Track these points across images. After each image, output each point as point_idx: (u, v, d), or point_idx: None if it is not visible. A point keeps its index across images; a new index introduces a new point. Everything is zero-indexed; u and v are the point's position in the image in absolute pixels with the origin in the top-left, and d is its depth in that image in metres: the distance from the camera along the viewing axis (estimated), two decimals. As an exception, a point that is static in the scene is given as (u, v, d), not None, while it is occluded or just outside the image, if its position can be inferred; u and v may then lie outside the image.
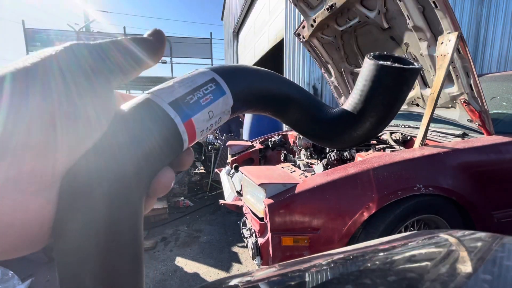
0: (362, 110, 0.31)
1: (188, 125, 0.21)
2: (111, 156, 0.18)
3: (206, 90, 0.23)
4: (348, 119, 0.32)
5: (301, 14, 2.42)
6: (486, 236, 0.34)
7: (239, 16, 10.73)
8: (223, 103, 0.24)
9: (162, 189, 0.21)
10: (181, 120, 0.21)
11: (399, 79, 0.29)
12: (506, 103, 1.96)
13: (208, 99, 0.23)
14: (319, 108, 0.33)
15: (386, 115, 0.31)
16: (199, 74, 0.24)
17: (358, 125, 0.32)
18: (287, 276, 0.32)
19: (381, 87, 0.30)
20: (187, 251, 2.33)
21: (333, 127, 0.33)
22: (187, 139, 0.21)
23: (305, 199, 1.31)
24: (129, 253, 0.18)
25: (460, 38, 1.45)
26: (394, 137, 2.09)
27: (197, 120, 0.22)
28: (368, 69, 0.30)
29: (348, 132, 0.32)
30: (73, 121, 0.16)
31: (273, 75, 0.30)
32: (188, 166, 0.24)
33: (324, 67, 2.91)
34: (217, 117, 0.24)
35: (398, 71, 0.28)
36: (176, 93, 0.22)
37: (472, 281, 0.25)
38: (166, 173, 0.21)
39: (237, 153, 2.69)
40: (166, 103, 0.20)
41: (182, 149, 0.22)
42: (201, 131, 0.23)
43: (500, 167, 1.51)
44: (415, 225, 1.47)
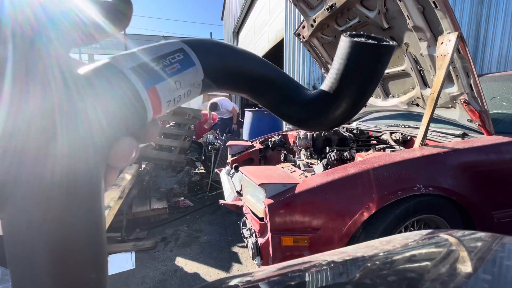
0: (338, 89, 0.30)
1: (152, 93, 0.20)
2: (61, 118, 0.16)
3: (173, 59, 0.22)
4: (324, 99, 0.31)
5: (301, 14, 2.42)
6: (486, 236, 0.34)
7: (239, 16, 10.73)
8: (192, 74, 0.23)
9: (121, 157, 0.20)
10: (143, 86, 0.20)
11: (373, 56, 0.29)
12: (506, 103, 1.96)
13: (175, 68, 0.22)
14: (296, 90, 0.32)
15: (361, 94, 0.31)
16: (167, 43, 0.23)
17: (335, 106, 0.31)
18: (287, 276, 0.32)
19: (355, 64, 0.29)
20: (187, 251, 2.33)
21: (310, 109, 0.32)
22: (151, 108, 0.20)
23: (305, 199, 1.31)
24: (87, 227, 0.17)
25: (460, 38, 1.45)
26: (394, 137, 2.09)
27: (162, 89, 0.21)
28: (343, 47, 0.30)
29: (325, 113, 0.32)
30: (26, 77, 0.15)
31: (250, 54, 0.29)
32: (153, 139, 0.23)
33: (324, 67, 2.91)
34: (186, 88, 0.23)
35: (372, 47, 0.28)
36: (139, 59, 0.20)
37: (472, 281, 0.25)
38: (126, 141, 0.20)
39: (237, 153, 2.69)
40: (127, 67, 0.19)
41: (146, 119, 0.21)
42: (168, 101, 0.22)
43: (500, 167, 1.51)
44: (415, 225, 1.47)
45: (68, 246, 0.16)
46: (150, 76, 0.20)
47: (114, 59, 0.20)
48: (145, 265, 2.14)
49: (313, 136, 2.32)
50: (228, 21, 14.60)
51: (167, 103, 0.22)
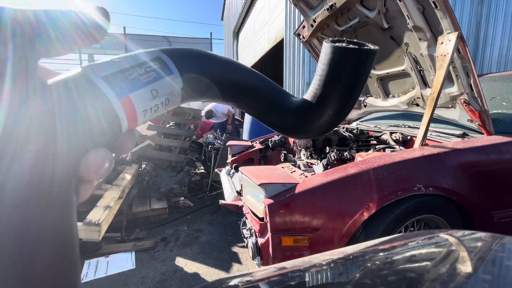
0: (322, 96, 0.30)
1: (125, 102, 0.19)
2: (26, 129, 0.16)
3: (149, 67, 0.22)
4: (309, 107, 0.31)
5: (301, 14, 2.42)
6: (486, 236, 0.34)
7: (239, 16, 10.73)
8: (170, 83, 0.23)
9: (92, 170, 0.19)
10: (116, 96, 0.19)
11: (355, 61, 0.29)
12: (506, 103, 1.96)
13: (151, 77, 0.21)
14: (281, 98, 0.32)
15: (345, 100, 0.31)
16: (144, 52, 0.23)
17: (319, 113, 0.31)
18: (287, 276, 0.32)
19: (337, 70, 0.29)
20: (187, 251, 2.33)
21: (295, 117, 0.32)
22: (124, 118, 0.20)
23: (305, 199, 1.31)
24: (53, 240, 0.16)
25: (460, 38, 1.45)
26: (394, 137, 2.09)
27: (137, 98, 0.20)
28: (325, 53, 0.29)
29: (310, 121, 0.32)
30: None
31: (232, 62, 0.29)
32: (128, 150, 0.22)
33: (324, 67, 2.91)
34: (163, 97, 0.22)
35: (353, 52, 0.28)
36: (112, 68, 0.20)
37: (472, 281, 0.25)
38: (98, 152, 0.19)
39: (237, 153, 2.69)
40: (99, 77, 0.19)
41: (120, 129, 0.20)
42: (143, 110, 0.21)
43: (500, 167, 1.51)
44: (415, 225, 1.47)
45: (32, 258, 0.16)
46: (124, 85, 0.20)
47: (86, 68, 0.19)
48: (145, 265, 2.14)
49: (313, 136, 2.32)
50: (228, 21, 14.60)
51: (143, 113, 0.21)
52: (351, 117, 3.13)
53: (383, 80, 2.44)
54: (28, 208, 0.16)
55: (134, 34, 18.58)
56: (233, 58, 13.80)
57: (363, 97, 2.81)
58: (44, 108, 0.17)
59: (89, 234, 1.99)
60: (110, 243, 2.42)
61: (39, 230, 0.16)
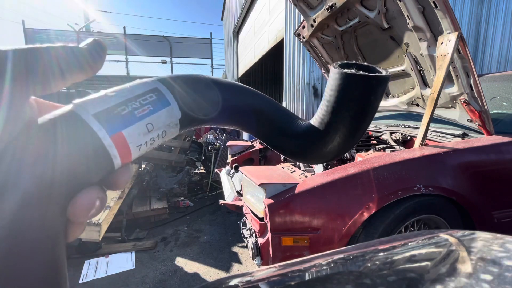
0: (330, 123, 0.29)
1: (118, 139, 0.19)
2: (11, 172, 0.15)
3: (144, 100, 0.21)
4: (316, 133, 0.30)
5: (301, 14, 2.42)
6: (486, 236, 0.34)
7: (239, 16, 10.73)
8: (167, 115, 0.22)
9: (82, 211, 0.18)
10: (106, 133, 0.18)
11: (365, 88, 0.27)
12: (506, 103, 1.96)
13: (146, 110, 0.21)
14: (288, 121, 0.30)
15: (355, 128, 0.29)
16: (139, 83, 0.22)
17: (327, 140, 0.30)
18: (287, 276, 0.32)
19: (347, 97, 0.27)
20: (187, 251, 2.33)
21: (302, 142, 0.30)
22: (117, 155, 0.19)
23: (305, 199, 1.31)
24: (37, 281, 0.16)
25: (460, 38, 1.45)
26: (394, 137, 2.09)
27: (130, 134, 0.20)
28: (333, 78, 0.28)
29: (318, 148, 0.30)
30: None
31: (235, 85, 0.28)
32: (122, 186, 0.21)
33: (324, 67, 2.91)
34: (160, 130, 0.22)
35: (363, 79, 0.26)
36: (105, 104, 0.19)
37: (472, 281, 0.25)
38: (88, 193, 0.18)
39: (237, 153, 2.69)
40: (90, 114, 0.18)
41: (112, 166, 0.19)
42: (138, 145, 0.20)
43: (500, 167, 1.51)
44: (415, 225, 1.47)
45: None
46: (116, 121, 0.19)
47: (77, 105, 0.19)
48: (145, 265, 2.14)
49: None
50: (228, 21, 14.60)
51: (137, 148, 0.20)
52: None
53: (383, 80, 2.44)
54: (10, 255, 0.15)
55: (134, 34, 18.57)
56: (233, 58, 13.81)
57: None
58: (31, 149, 0.16)
59: (89, 234, 1.99)
60: (110, 243, 2.42)
61: (24, 277, 0.16)
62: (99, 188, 0.19)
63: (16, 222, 0.15)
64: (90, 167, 0.18)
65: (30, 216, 0.16)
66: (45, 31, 17.01)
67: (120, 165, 0.20)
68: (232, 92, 0.27)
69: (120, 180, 0.21)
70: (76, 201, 0.18)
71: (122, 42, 17.40)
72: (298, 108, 4.99)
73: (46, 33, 16.89)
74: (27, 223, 0.16)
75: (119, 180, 0.21)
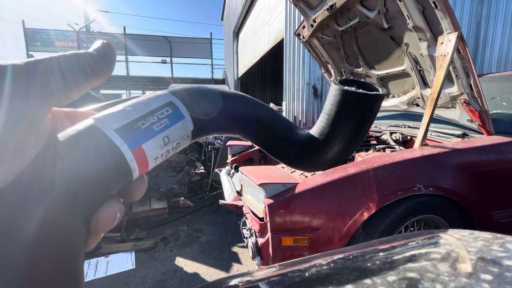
0: (329, 134, 0.31)
1: (138, 153, 0.20)
2: (41, 186, 0.16)
3: (161, 114, 0.22)
4: (315, 143, 0.32)
5: (301, 14, 2.42)
6: (486, 236, 0.34)
7: (239, 16, 10.73)
8: (181, 128, 0.23)
9: (105, 224, 0.19)
10: (128, 148, 0.19)
11: (364, 105, 0.29)
12: (506, 103, 1.96)
13: (163, 124, 0.21)
14: (288, 130, 0.32)
15: (353, 140, 0.32)
16: (155, 97, 0.23)
17: (326, 150, 0.32)
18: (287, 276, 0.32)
19: (346, 112, 0.30)
20: (187, 251, 2.33)
21: (301, 150, 0.32)
22: (136, 168, 0.20)
23: (305, 199, 1.31)
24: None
25: (460, 38, 1.45)
26: (394, 137, 2.09)
27: (149, 147, 0.20)
28: (334, 94, 0.30)
29: (316, 156, 0.32)
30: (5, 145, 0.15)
31: (239, 96, 0.29)
32: (139, 196, 0.22)
33: (324, 67, 2.91)
34: (174, 142, 0.23)
35: (362, 96, 0.29)
36: (125, 119, 0.20)
37: (472, 281, 0.25)
38: (110, 207, 0.19)
39: (237, 153, 2.69)
40: (112, 129, 0.19)
41: (131, 179, 0.20)
42: (155, 158, 0.21)
43: (500, 167, 1.51)
44: (415, 225, 1.47)
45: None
46: (136, 136, 0.20)
47: (99, 120, 0.19)
48: (145, 265, 2.14)
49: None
50: (228, 21, 14.60)
51: (154, 160, 0.21)
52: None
53: (383, 80, 2.44)
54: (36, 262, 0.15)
55: (134, 34, 18.58)
56: (233, 58, 13.81)
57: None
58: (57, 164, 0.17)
59: (89, 234, 1.99)
60: (110, 243, 2.42)
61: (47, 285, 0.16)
62: (118, 200, 0.20)
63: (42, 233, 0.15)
64: (112, 180, 0.19)
65: (57, 228, 0.16)
66: (45, 31, 17.01)
67: (137, 177, 0.21)
68: (238, 102, 0.29)
69: (138, 191, 0.21)
70: (100, 215, 0.18)
71: (122, 42, 17.40)
72: (298, 108, 4.99)
73: (46, 33, 16.88)
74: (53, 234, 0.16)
75: (135, 191, 0.21)
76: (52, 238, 0.16)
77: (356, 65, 2.56)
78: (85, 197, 0.17)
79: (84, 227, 0.18)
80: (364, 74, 2.53)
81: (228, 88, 6.23)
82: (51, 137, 0.17)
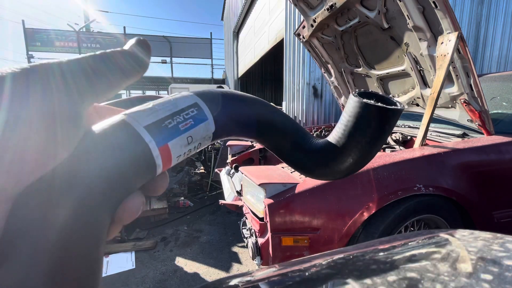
0: (345, 144, 0.32)
1: (164, 150, 0.21)
2: (77, 177, 0.17)
3: (187, 115, 0.23)
4: (331, 151, 0.32)
5: (301, 14, 2.42)
6: (486, 236, 0.34)
7: (239, 16, 10.73)
8: (204, 129, 0.24)
9: (128, 215, 0.20)
10: (156, 145, 0.20)
11: (381, 118, 0.30)
12: (506, 103, 1.97)
13: (188, 124, 0.23)
14: (304, 138, 0.33)
15: (368, 152, 0.32)
16: (181, 97, 0.24)
17: (341, 159, 0.32)
18: (287, 276, 0.32)
19: (364, 124, 0.30)
20: (187, 251, 2.33)
21: (315, 158, 0.33)
22: (161, 164, 0.21)
23: (305, 199, 1.31)
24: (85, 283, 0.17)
25: (460, 38, 1.45)
26: (394, 137, 2.09)
27: (174, 145, 0.21)
28: (353, 106, 0.31)
29: (330, 165, 0.33)
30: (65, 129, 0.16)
31: (258, 101, 0.30)
32: (162, 191, 0.23)
33: (324, 67, 2.91)
34: (197, 142, 0.24)
35: (381, 110, 0.29)
36: (154, 117, 0.21)
37: (472, 281, 0.25)
38: (134, 199, 0.20)
39: (237, 153, 2.69)
40: (142, 126, 0.20)
41: (155, 174, 0.21)
42: (178, 156, 0.22)
43: (500, 167, 1.51)
44: (415, 225, 1.47)
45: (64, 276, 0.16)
46: (164, 134, 0.21)
47: (130, 116, 0.20)
48: (145, 265, 2.14)
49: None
50: (228, 21, 14.60)
51: (177, 158, 0.22)
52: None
53: (383, 80, 2.44)
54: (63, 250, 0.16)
55: (134, 34, 18.58)
56: (233, 58, 13.80)
57: (363, 97, 2.81)
58: (91, 156, 0.18)
59: (89, 234, 1.99)
60: (110, 243, 2.42)
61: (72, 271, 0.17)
62: (141, 193, 0.21)
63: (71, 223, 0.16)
64: (138, 174, 0.20)
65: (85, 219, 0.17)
66: (45, 31, 17.01)
67: (160, 172, 0.22)
68: (256, 107, 0.30)
69: (160, 186, 0.23)
70: (126, 206, 0.19)
71: (122, 42, 17.39)
72: (298, 108, 4.99)
73: (46, 33, 16.89)
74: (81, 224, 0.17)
75: (158, 186, 0.23)
76: (79, 228, 0.16)
77: (356, 65, 2.56)
78: (114, 190, 0.18)
79: (109, 218, 0.19)
80: (364, 74, 2.53)
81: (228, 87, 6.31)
82: (88, 132, 0.18)
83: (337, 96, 3.10)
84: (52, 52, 16.95)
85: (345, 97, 2.99)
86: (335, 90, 3.06)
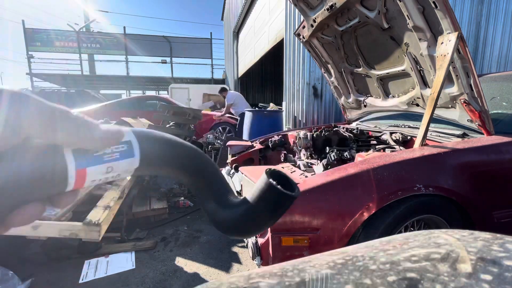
0: (252, 206, 0.36)
1: (80, 173, 0.23)
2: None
3: (116, 148, 0.25)
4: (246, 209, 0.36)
5: (301, 14, 2.42)
6: (486, 236, 0.34)
7: (239, 16, 10.73)
8: (127, 164, 0.26)
9: (20, 220, 0.21)
10: (74, 166, 0.22)
11: (277, 198, 0.34)
12: (506, 103, 1.97)
13: (113, 157, 0.25)
14: (226, 192, 0.37)
15: (264, 219, 0.36)
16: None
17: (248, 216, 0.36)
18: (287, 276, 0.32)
19: (265, 196, 0.34)
20: (187, 251, 2.33)
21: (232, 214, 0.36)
22: (72, 183, 0.23)
23: (305, 199, 1.31)
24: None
25: (460, 38, 1.45)
26: (394, 137, 2.09)
27: (92, 171, 0.23)
28: (261, 180, 0.35)
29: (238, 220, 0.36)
30: None
31: (197, 152, 0.34)
32: (64, 206, 0.24)
33: (324, 67, 2.91)
34: (116, 173, 0.25)
35: (277, 192, 0.33)
36: None
37: (472, 281, 0.25)
38: (31, 207, 0.21)
39: (237, 153, 2.69)
40: (71, 149, 0.22)
41: (64, 189, 0.23)
42: (93, 180, 0.24)
43: (500, 167, 1.51)
44: (415, 225, 1.47)
45: None
46: (88, 160, 0.23)
47: None
48: (145, 265, 2.14)
49: (313, 136, 2.33)
50: (228, 21, 14.60)
51: (92, 182, 0.24)
52: (351, 117, 3.13)
53: (383, 80, 2.44)
54: None
55: (134, 34, 18.57)
56: (233, 58, 13.80)
57: (363, 97, 2.81)
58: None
59: (89, 234, 1.99)
60: (110, 243, 2.42)
61: None
62: (42, 204, 0.22)
63: None
64: (45, 187, 0.21)
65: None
66: (45, 31, 17.00)
67: (71, 189, 0.23)
68: (185, 156, 0.33)
69: (63, 200, 0.24)
70: (20, 211, 0.21)
71: (122, 42, 17.39)
72: (298, 108, 4.99)
73: (46, 33, 16.88)
74: None
75: (63, 200, 0.24)
76: None
77: (356, 65, 2.56)
78: (7, 197, 0.20)
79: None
80: (364, 74, 2.53)
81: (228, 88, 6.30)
82: (26, 140, 0.20)
83: (337, 96, 3.10)
84: (52, 52, 16.95)
85: (345, 97, 2.99)
86: (335, 90, 3.05)
